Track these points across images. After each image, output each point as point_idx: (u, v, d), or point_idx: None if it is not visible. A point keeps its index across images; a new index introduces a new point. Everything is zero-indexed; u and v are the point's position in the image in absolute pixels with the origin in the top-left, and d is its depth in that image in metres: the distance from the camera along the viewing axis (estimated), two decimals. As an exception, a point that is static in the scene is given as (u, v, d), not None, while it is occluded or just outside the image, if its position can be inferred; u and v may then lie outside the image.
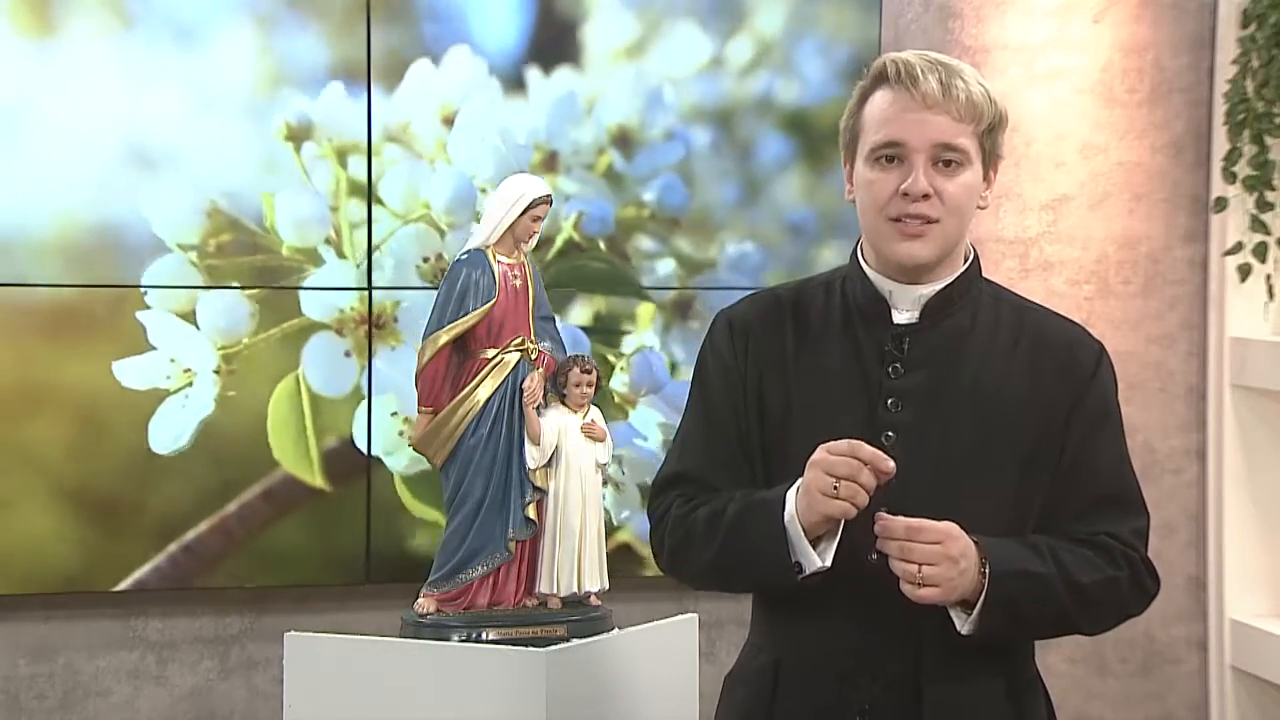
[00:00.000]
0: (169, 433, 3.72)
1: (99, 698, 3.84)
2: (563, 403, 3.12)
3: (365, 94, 3.80)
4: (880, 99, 2.03)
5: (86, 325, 3.69)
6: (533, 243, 3.17)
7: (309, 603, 3.86)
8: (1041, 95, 4.23)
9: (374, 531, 3.84)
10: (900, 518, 1.94)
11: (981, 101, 2.02)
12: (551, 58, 3.91)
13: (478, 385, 3.09)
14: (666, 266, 3.99)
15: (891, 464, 1.92)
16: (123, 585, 3.73)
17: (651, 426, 3.98)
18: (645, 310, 3.98)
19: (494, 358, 3.10)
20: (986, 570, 1.95)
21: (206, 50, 3.72)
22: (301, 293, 3.77)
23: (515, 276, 3.12)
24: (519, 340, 3.11)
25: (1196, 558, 4.34)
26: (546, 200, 3.15)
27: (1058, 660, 4.24)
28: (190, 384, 3.72)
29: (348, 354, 3.80)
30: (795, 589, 2.00)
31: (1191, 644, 4.37)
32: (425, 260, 3.83)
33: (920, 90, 1.99)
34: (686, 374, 3.94)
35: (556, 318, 3.26)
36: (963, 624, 1.98)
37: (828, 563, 1.98)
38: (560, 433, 3.10)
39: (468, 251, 3.12)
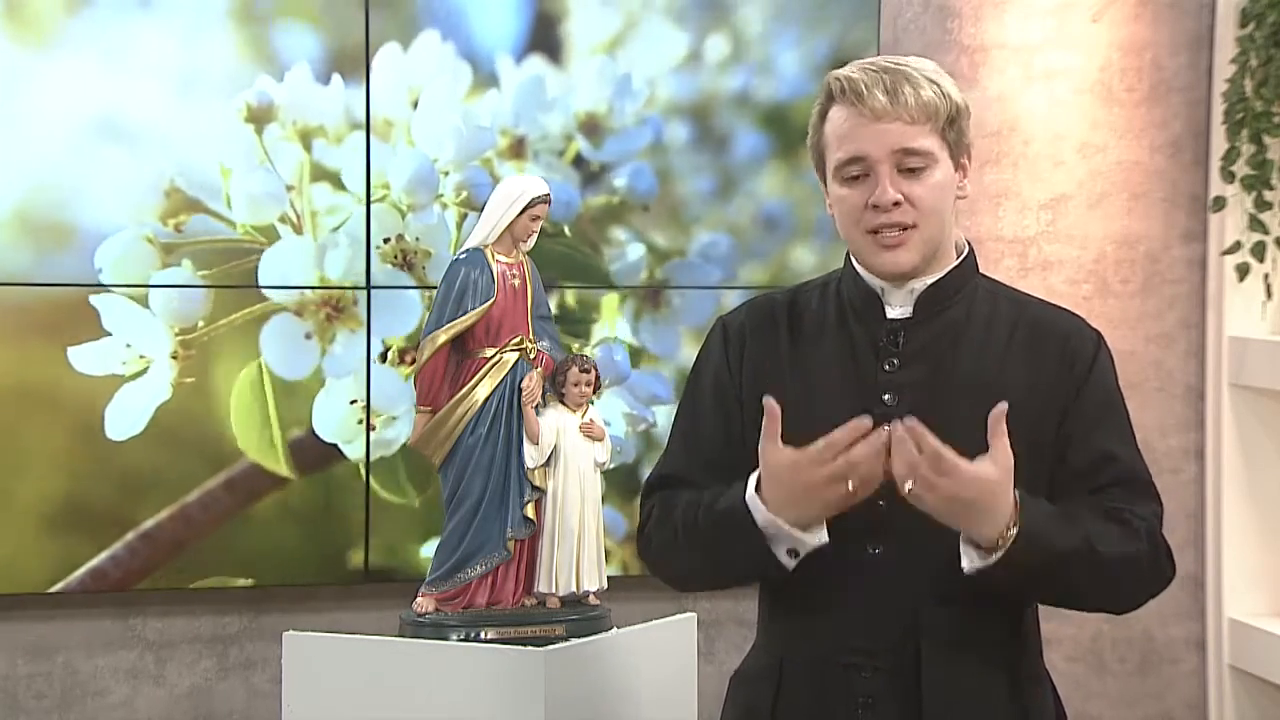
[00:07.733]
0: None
1: (97, 697, 3.84)
2: (561, 402, 3.12)
3: (333, 79, 3.79)
4: (835, 116, 2.05)
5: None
6: (531, 242, 3.17)
7: (307, 602, 3.86)
8: (1040, 94, 4.23)
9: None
10: (945, 450, 1.89)
11: (933, 100, 2.02)
12: (526, 50, 3.90)
13: (476, 385, 3.09)
14: (636, 252, 3.97)
15: (867, 421, 1.91)
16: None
17: (616, 415, 3.95)
18: (611, 300, 3.96)
19: (492, 357, 3.10)
20: (1015, 530, 1.91)
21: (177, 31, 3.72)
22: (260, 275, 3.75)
23: (514, 276, 3.12)
24: (517, 340, 3.11)
25: (1195, 557, 4.34)
26: (545, 199, 3.15)
27: (1057, 659, 4.24)
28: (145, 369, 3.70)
29: (308, 336, 3.79)
30: (793, 578, 2.00)
31: (1190, 643, 4.37)
32: (385, 241, 3.81)
33: (868, 104, 2.00)
34: (653, 364, 3.96)
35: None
36: (971, 561, 1.95)
37: (825, 539, 1.97)
38: (559, 432, 3.10)
39: (466, 251, 3.12)
